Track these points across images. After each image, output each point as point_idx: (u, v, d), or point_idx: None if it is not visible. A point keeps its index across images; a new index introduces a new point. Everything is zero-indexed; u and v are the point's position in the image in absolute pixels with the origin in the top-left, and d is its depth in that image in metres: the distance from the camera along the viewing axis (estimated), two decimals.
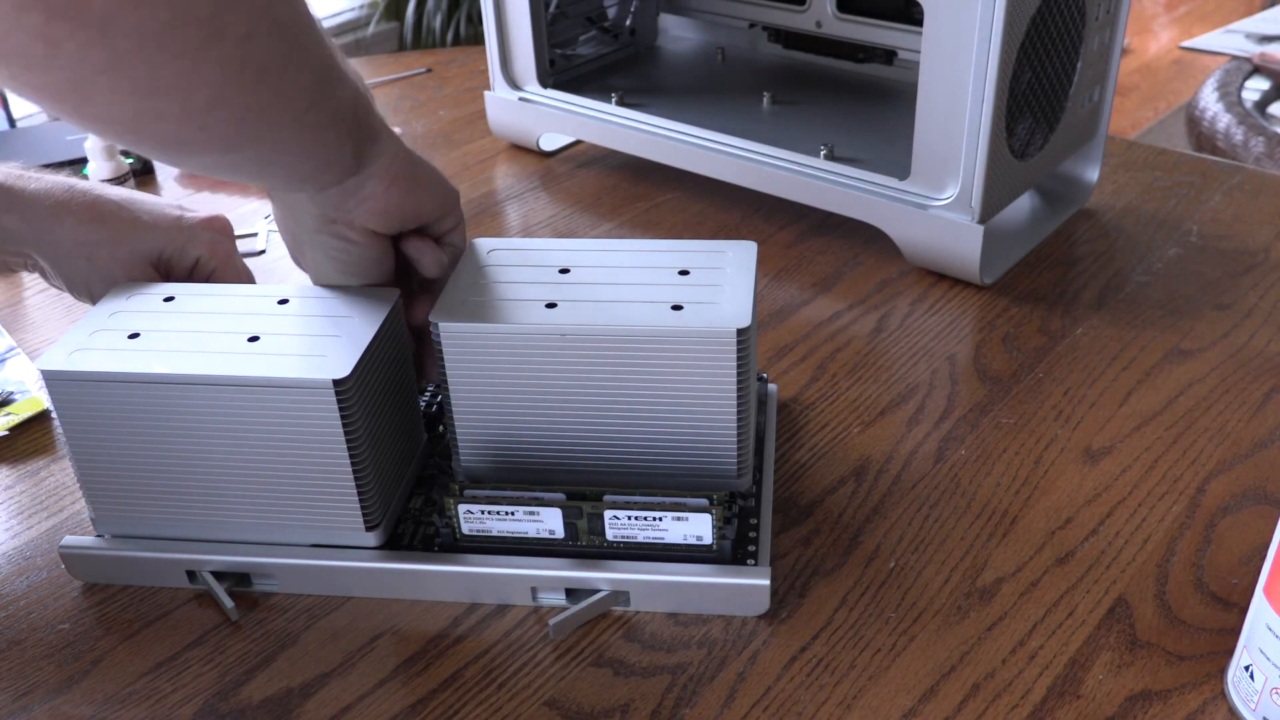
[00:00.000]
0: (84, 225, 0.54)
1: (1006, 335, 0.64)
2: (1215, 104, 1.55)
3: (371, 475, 0.46)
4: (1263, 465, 0.53)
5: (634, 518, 0.45)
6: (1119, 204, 0.78)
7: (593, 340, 0.45)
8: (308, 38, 0.40)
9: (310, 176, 0.45)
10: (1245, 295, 0.67)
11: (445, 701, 0.43)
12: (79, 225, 0.54)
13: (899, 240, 0.69)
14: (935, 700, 0.42)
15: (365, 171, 0.46)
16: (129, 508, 0.47)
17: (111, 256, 0.54)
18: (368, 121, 0.45)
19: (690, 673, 0.43)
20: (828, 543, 0.49)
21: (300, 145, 0.43)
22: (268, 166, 0.44)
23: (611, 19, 0.91)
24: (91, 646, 0.45)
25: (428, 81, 1.05)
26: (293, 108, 0.41)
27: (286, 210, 0.49)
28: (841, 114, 0.79)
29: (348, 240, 0.48)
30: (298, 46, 0.40)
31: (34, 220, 0.54)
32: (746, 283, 0.47)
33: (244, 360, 0.44)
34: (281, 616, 0.46)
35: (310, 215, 0.47)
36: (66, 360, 0.44)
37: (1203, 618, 0.45)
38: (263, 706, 0.43)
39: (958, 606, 0.46)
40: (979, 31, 0.60)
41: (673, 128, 0.77)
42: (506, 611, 0.46)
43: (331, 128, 0.43)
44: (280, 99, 0.40)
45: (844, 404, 0.58)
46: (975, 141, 0.63)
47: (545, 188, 0.84)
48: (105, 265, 0.54)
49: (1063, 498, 0.51)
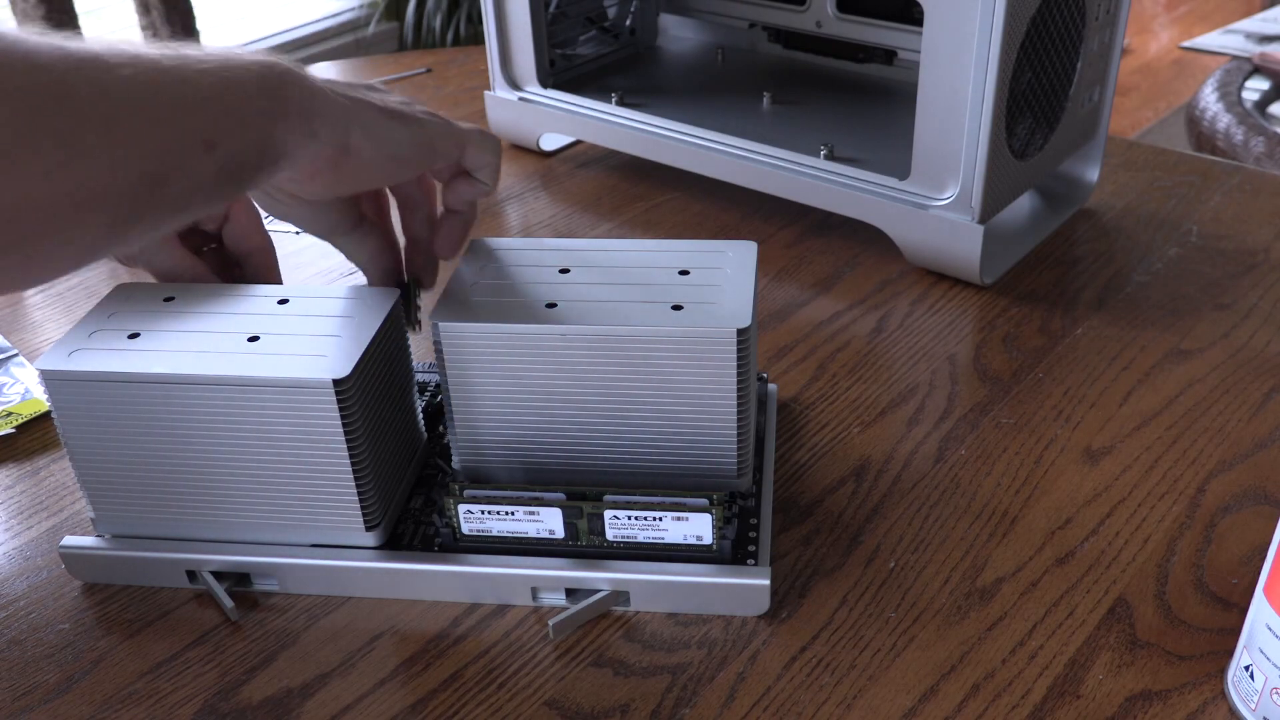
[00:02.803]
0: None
1: (1006, 335, 0.64)
2: (1215, 104, 1.55)
3: (371, 475, 0.46)
4: (1263, 465, 0.53)
5: (634, 518, 0.45)
6: (1119, 204, 0.78)
7: (593, 340, 0.45)
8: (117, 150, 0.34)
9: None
10: (1245, 295, 0.67)
11: (445, 701, 0.43)
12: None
13: (899, 240, 0.69)
14: (935, 700, 0.42)
15: (270, 179, 0.41)
16: (129, 508, 0.47)
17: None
18: (255, 162, 0.39)
19: (690, 673, 0.43)
20: (828, 543, 0.49)
21: (140, 230, 0.37)
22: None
23: (611, 19, 0.91)
24: (91, 646, 0.45)
25: (428, 81, 1.05)
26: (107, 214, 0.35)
27: None
28: (841, 114, 0.79)
29: (277, 200, 0.45)
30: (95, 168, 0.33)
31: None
32: (746, 283, 0.47)
33: (244, 360, 0.44)
34: (281, 616, 0.46)
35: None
36: (66, 360, 0.44)
37: (1203, 618, 0.45)
38: (263, 706, 0.43)
39: (958, 606, 0.46)
40: (979, 31, 0.60)
41: (673, 128, 0.77)
42: (506, 611, 0.46)
43: (179, 213, 0.38)
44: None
45: (844, 404, 0.58)
46: (975, 141, 0.63)
47: (545, 188, 0.84)
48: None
49: (1063, 498, 0.51)
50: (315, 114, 0.41)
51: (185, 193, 0.37)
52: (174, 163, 0.36)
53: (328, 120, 0.41)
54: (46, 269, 0.35)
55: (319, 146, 0.41)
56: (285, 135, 0.40)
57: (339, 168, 0.43)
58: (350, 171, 0.43)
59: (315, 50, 2.59)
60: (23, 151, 0.32)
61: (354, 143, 0.43)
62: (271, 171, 0.41)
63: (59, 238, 0.33)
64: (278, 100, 0.40)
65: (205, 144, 0.37)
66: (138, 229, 0.37)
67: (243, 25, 2.57)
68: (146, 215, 0.36)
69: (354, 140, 0.43)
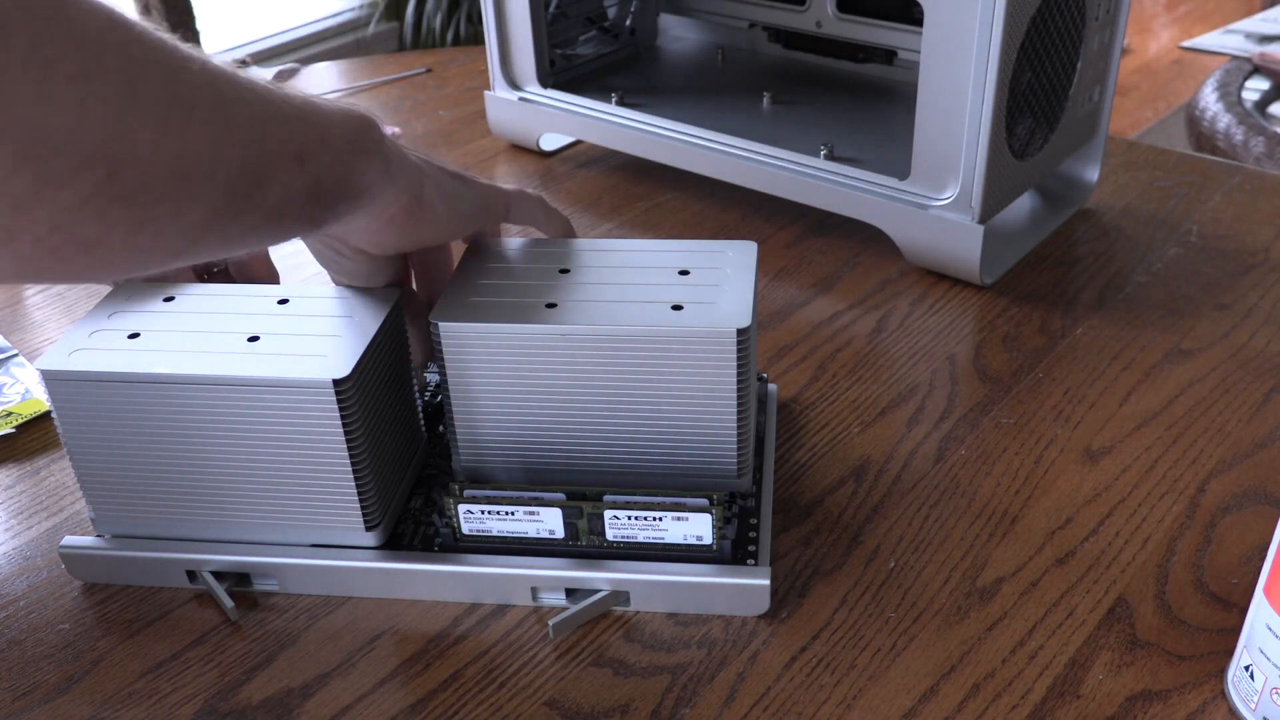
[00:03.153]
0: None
1: (1006, 335, 0.64)
2: (1215, 104, 1.55)
3: (371, 475, 0.46)
4: (1263, 465, 0.53)
5: (634, 518, 0.45)
6: (1119, 204, 0.78)
7: (593, 340, 0.45)
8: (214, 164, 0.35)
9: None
10: (1245, 295, 0.67)
11: (445, 701, 0.43)
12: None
13: (899, 240, 0.69)
14: (935, 700, 0.42)
15: (345, 222, 0.42)
16: (129, 508, 0.47)
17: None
18: (339, 190, 0.41)
19: (690, 673, 0.43)
20: (828, 543, 0.49)
21: (223, 247, 0.38)
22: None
23: (611, 19, 0.91)
24: (91, 646, 0.45)
25: (428, 81, 1.05)
26: (191, 230, 0.35)
27: None
28: (841, 114, 0.79)
29: (337, 252, 0.46)
30: (191, 177, 0.34)
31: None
32: (746, 283, 0.47)
33: (244, 360, 0.44)
34: (281, 616, 0.46)
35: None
36: (66, 360, 0.44)
37: (1203, 618, 0.45)
38: (263, 706, 0.43)
39: (958, 606, 0.46)
40: (979, 31, 0.60)
41: (673, 128, 0.77)
42: (506, 611, 0.46)
43: (273, 224, 0.39)
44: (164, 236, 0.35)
45: (844, 404, 0.58)
46: (975, 141, 0.63)
47: (545, 188, 0.84)
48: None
49: (1063, 498, 0.51)
50: (394, 160, 0.43)
51: (279, 203, 0.38)
52: (270, 166, 0.37)
53: (404, 169, 0.43)
54: (154, 244, 0.35)
55: (396, 193, 0.43)
56: (368, 170, 0.41)
57: (413, 218, 0.44)
58: (422, 223, 0.45)
59: (315, 50, 2.59)
60: (142, 101, 0.32)
61: (426, 195, 0.44)
62: (352, 207, 0.42)
63: (170, 205, 0.34)
64: (362, 138, 0.41)
65: (297, 156, 0.38)
66: (236, 228, 0.37)
67: (243, 25, 2.57)
68: (245, 214, 0.37)
69: (426, 193, 0.44)
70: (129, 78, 0.32)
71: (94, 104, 0.31)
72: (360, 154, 0.41)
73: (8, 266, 0.32)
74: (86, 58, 0.30)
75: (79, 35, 0.30)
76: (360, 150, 0.41)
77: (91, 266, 0.34)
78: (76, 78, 0.30)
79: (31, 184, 0.30)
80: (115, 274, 0.36)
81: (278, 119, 0.38)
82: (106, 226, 0.33)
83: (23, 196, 0.30)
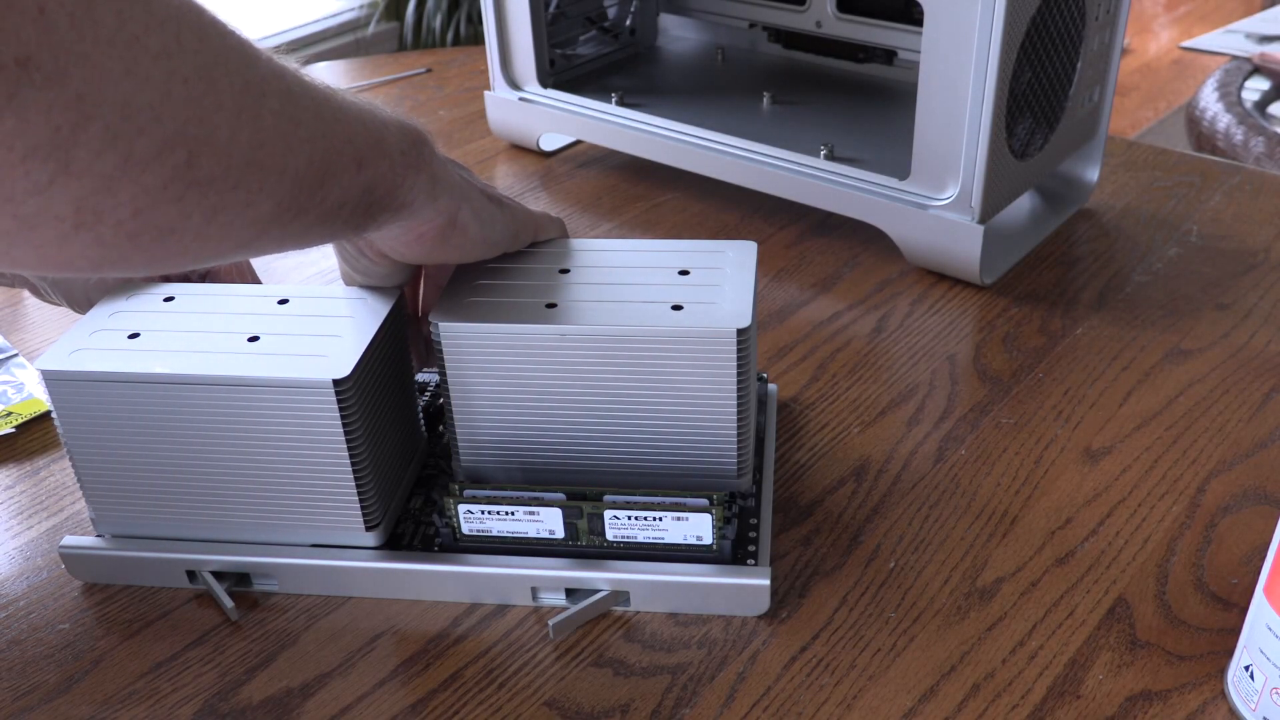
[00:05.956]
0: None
1: (1006, 335, 0.64)
2: (1215, 104, 1.55)
3: (371, 475, 0.46)
4: (1263, 465, 0.53)
5: (634, 518, 0.45)
6: (1119, 204, 0.78)
7: (593, 340, 0.45)
8: (285, 158, 0.35)
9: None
10: (1245, 295, 0.67)
11: (445, 701, 0.43)
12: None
13: (899, 240, 0.69)
14: (935, 700, 0.42)
15: (384, 230, 0.43)
16: (129, 508, 0.47)
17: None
18: (386, 200, 0.41)
19: (690, 673, 0.43)
20: (828, 543, 0.49)
21: (271, 246, 0.38)
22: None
23: (611, 19, 0.91)
24: (91, 646, 0.45)
25: (428, 81, 1.05)
26: (251, 227, 0.35)
27: None
28: (841, 114, 0.79)
29: (363, 254, 0.47)
30: (262, 171, 0.34)
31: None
32: (746, 283, 0.47)
33: (244, 360, 0.44)
34: (281, 616, 0.46)
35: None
36: (66, 360, 0.44)
37: (1203, 618, 0.45)
38: (263, 706, 0.43)
39: (958, 606, 0.46)
40: (979, 31, 0.60)
41: (673, 128, 0.77)
42: (506, 611, 0.46)
43: (324, 226, 0.39)
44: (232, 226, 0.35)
45: (844, 404, 0.58)
46: (975, 141, 0.63)
47: (545, 188, 0.84)
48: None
49: (1063, 498, 0.51)
50: (440, 180, 0.43)
51: (335, 206, 0.38)
52: (332, 166, 0.37)
53: (447, 190, 0.43)
54: (223, 234, 0.35)
55: (435, 212, 0.43)
56: (414, 186, 0.42)
57: (444, 238, 0.45)
58: (452, 244, 0.45)
59: (315, 50, 2.59)
60: (219, 84, 0.32)
61: (461, 219, 0.44)
62: (392, 219, 0.42)
63: (243, 195, 0.34)
64: (415, 152, 0.41)
65: (356, 159, 0.38)
66: (296, 225, 0.37)
67: (242, 25, 2.57)
68: (305, 213, 0.37)
69: (462, 216, 0.44)
70: (206, 59, 0.32)
71: (176, 83, 0.31)
72: (410, 168, 0.41)
73: (91, 253, 0.32)
74: (166, 36, 0.30)
75: (161, 12, 0.30)
76: (411, 164, 0.41)
77: (165, 255, 0.34)
78: (160, 56, 0.30)
79: (119, 164, 0.30)
80: (183, 264, 0.36)
81: (340, 119, 0.38)
82: (183, 213, 0.33)
83: (111, 177, 0.30)
